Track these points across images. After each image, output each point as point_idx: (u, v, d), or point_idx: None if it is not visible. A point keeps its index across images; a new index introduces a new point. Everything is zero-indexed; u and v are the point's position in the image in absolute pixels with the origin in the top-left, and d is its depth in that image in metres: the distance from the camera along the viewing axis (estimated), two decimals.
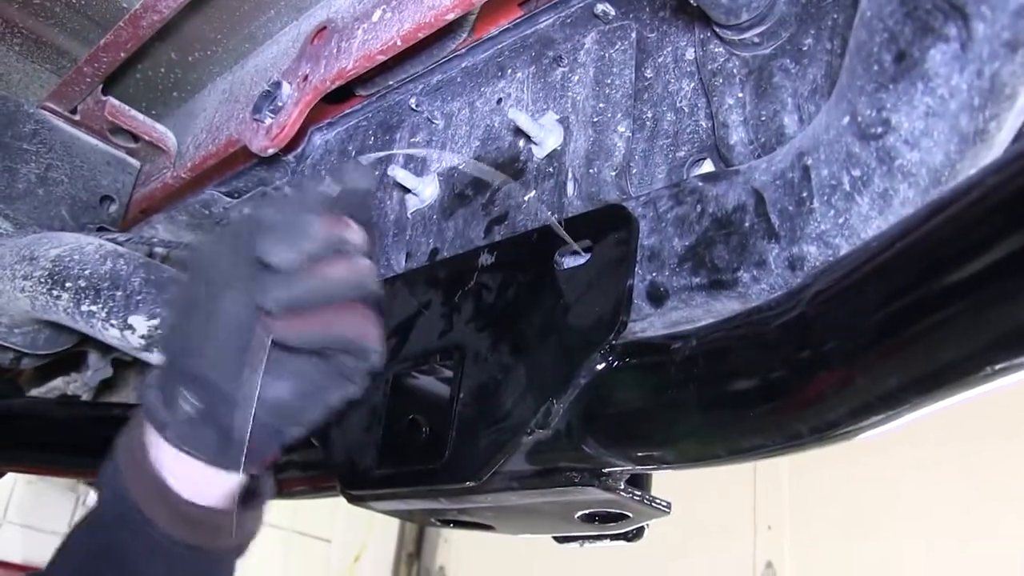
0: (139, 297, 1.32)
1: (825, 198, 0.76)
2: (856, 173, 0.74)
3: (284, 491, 1.33)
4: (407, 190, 1.23)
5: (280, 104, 1.31)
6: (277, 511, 4.37)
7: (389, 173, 1.25)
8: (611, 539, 1.08)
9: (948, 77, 0.65)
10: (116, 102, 1.62)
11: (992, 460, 3.01)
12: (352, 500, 1.07)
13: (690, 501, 3.42)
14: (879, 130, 0.71)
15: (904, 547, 3.11)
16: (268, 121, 1.32)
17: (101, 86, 1.57)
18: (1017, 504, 2.93)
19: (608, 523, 1.00)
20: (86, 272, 1.34)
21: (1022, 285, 0.55)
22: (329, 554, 4.61)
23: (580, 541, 1.11)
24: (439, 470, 0.93)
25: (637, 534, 1.08)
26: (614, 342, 0.85)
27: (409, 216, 1.24)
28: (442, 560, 4.84)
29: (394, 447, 1.00)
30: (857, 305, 0.66)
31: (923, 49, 0.65)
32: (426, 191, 1.21)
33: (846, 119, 0.73)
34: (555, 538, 1.14)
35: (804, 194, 0.78)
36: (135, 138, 1.68)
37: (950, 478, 3.08)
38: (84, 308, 1.32)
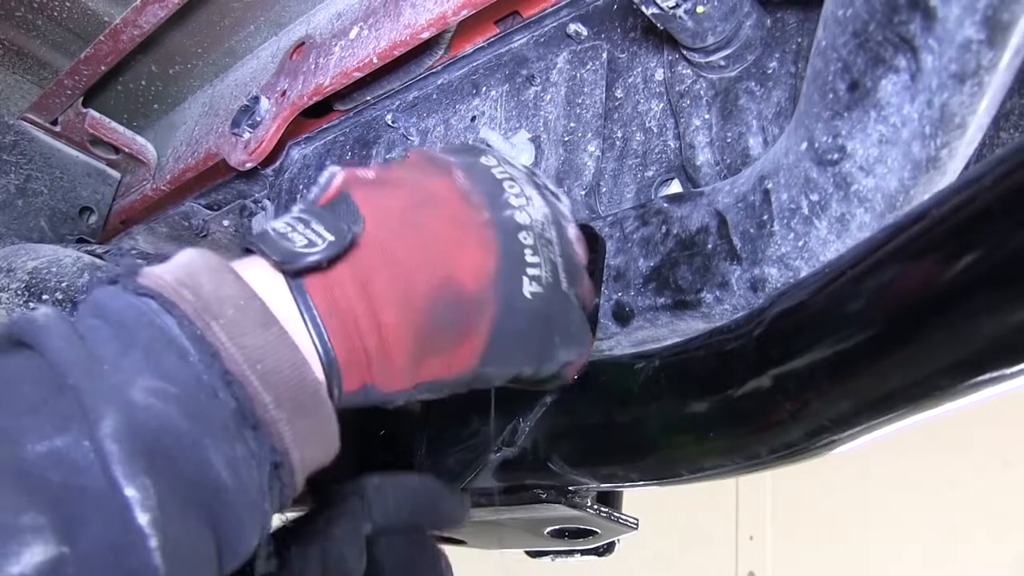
0: None
1: (785, 221, 0.78)
2: (814, 197, 0.75)
3: None
4: None
5: (258, 119, 1.32)
6: None
7: None
8: (582, 554, 1.09)
9: (899, 106, 0.67)
10: (97, 114, 1.63)
11: (976, 471, 3.03)
12: None
13: (672, 511, 3.44)
14: (835, 156, 0.72)
15: (887, 557, 3.13)
16: (247, 135, 1.33)
17: (82, 98, 1.58)
18: (1001, 515, 2.95)
19: (577, 538, 1.01)
20: (63, 284, 1.34)
21: (967, 311, 0.56)
22: None
23: (552, 555, 1.13)
24: None
25: (608, 549, 1.09)
26: None
27: None
28: None
29: (365, 463, 1.01)
30: (811, 329, 0.67)
31: (875, 79, 0.67)
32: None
33: (804, 145, 0.74)
34: (528, 552, 1.15)
35: (765, 217, 0.79)
36: (115, 150, 1.68)
37: (934, 489, 3.09)
38: None
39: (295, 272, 0.64)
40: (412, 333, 0.67)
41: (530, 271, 0.72)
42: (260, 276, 0.64)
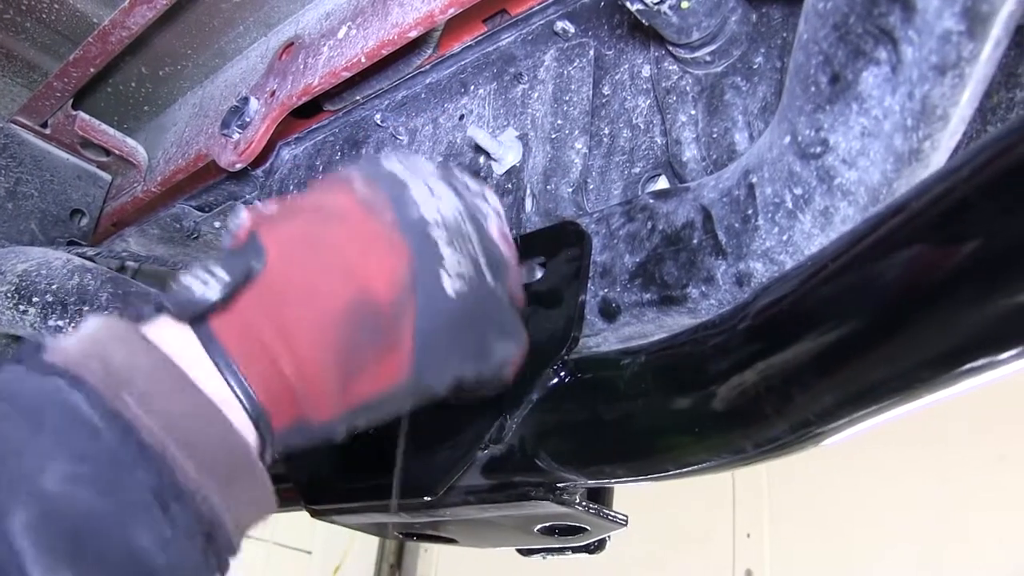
0: (106, 312, 1.32)
1: (769, 215, 0.78)
2: (798, 191, 0.75)
3: None
4: None
5: (248, 119, 1.32)
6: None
7: None
8: (572, 551, 1.09)
9: (881, 99, 0.67)
10: (86, 116, 1.63)
11: (972, 465, 3.03)
12: (315, 514, 1.07)
13: (669, 509, 3.44)
14: (818, 149, 0.72)
15: (884, 553, 3.13)
16: (236, 136, 1.33)
17: (71, 100, 1.57)
18: (998, 509, 2.95)
19: (567, 536, 1.00)
20: (53, 287, 1.34)
21: (948, 302, 0.56)
22: (310, 565, 4.60)
23: (543, 553, 1.12)
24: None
25: (599, 546, 1.09)
26: (566, 357, 0.86)
27: None
28: (423, 571, 4.83)
29: (353, 461, 1.01)
30: (795, 323, 0.67)
31: (856, 72, 0.67)
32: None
33: (787, 138, 0.74)
34: (519, 550, 1.15)
35: (750, 211, 0.79)
36: (106, 152, 1.68)
37: (930, 484, 3.09)
38: (51, 323, 1.32)
39: (197, 318, 0.63)
40: (333, 355, 0.65)
41: (448, 267, 0.69)
42: (171, 335, 0.62)
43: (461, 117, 1.21)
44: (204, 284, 0.62)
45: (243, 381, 0.62)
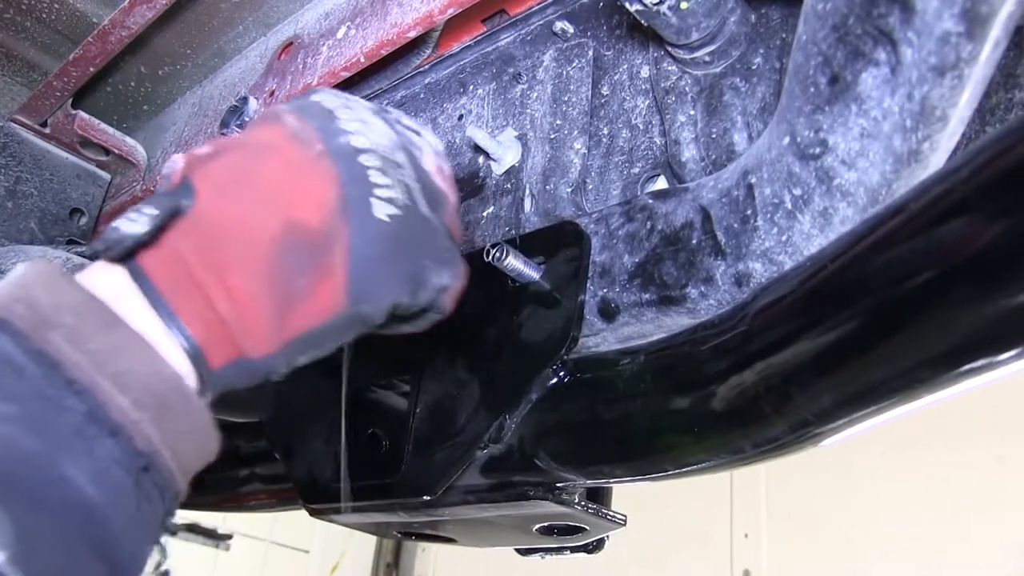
0: None
1: (768, 216, 0.78)
2: (797, 192, 0.75)
3: (250, 504, 1.34)
4: None
5: (247, 119, 1.31)
6: (255, 522, 4.36)
7: None
8: (571, 551, 1.09)
9: (880, 100, 0.67)
10: (86, 116, 1.63)
11: (971, 466, 3.03)
12: (313, 513, 1.07)
13: (668, 510, 3.44)
14: (817, 150, 0.72)
15: (882, 554, 3.13)
16: (235, 136, 1.33)
17: (71, 100, 1.57)
18: (997, 509, 2.95)
19: (566, 535, 1.01)
20: None
21: (946, 303, 0.57)
22: (307, 564, 4.60)
23: (541, 553, 1.12)
24: (395, 484, 0.94)
25: (597, 546, 1.09)
26: (566, 357, 0.86)
27: None
28: (420, 570, 4.83)
29: (353, 461, 1.01)
30: (794, 323, 0.67)
31: (855, 73, 0.67)
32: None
33: (786, 139, 0.75)
34: (517, 550, 1.15)
35: (749, 212, 0.79)
36: (105, 151, 1.68)
37: (929, 485, 3.10)
38: None
39: (125, 256, 0.62)
40: (266, 287, 0.64)
41: (380, 192, 0.68)
42: (102, 276, 0.62)
43: (460, 117, 1.21)
44: (132, 222, 0.62)
45: (174, 315, 0.62)
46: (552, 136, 1.05)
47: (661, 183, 0.97)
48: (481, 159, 1.13)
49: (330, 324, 0.68)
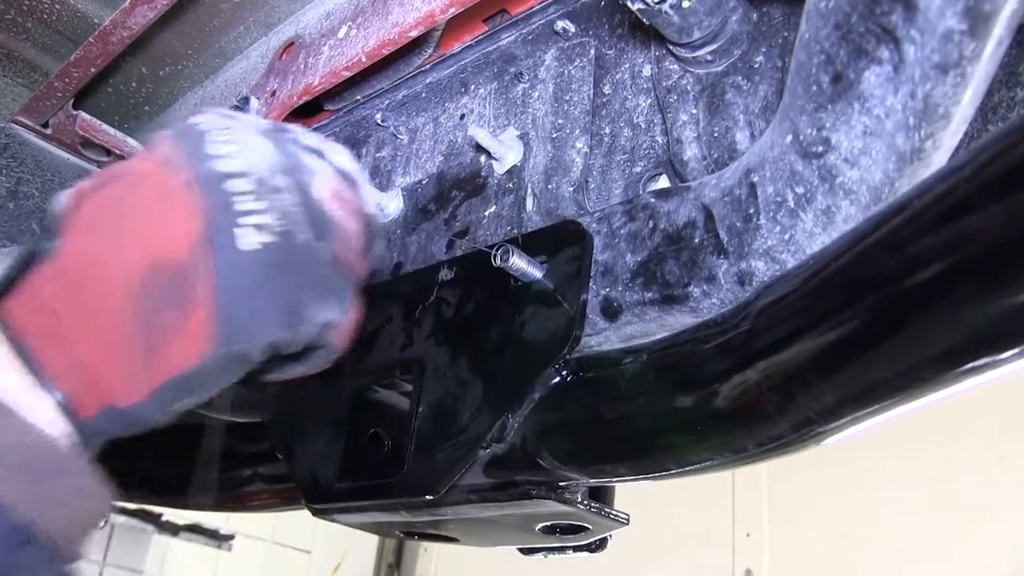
0: None
1: (771, 214, 0.78)
2: (800, 190, 0.75)
3: (252, 504, 1.34)
4: None
5: None
6: (257, 522, 4.36)
7: None
8: (574, 550, 1.09)
9: (883, 98, 0.67)
10: (87, 116, 1.62)
11: (972, 466, 3.03)
12: (316, 513, 1.07)
13: (669, 508, 3.44)
14: (820, 149, 0.72)
15: (884, 553, 3.13)
16: None
17: (72, 101, 1.57)
18: (998, 509, 2.95)
19: (569, 535, 1.00)
20: None
21: (950, 301, 0.56)
22: (309, 565, 4.60)
23: (544, 553, 1.12)
24: (398, 483, 0.94)
25: (600, 545, 1.09)
26: (568, 356, 0.86)
27: None
28: (422, 571, 4.83)
29: (355, 460, 1.01)
30: (797, 322, 0.67)
31: (858, 71, 0.67)
32: (390, 205, 1.22)
33: (789, 137, 0.75)
34: (520, 550, 1.15)
35: (751, 210, 0.79)
36: (107, 152, 1.68)
37: (930, 484, 3.10)
38: None
39: None
40: (130, 329, 0.61)
41: (249, 219, 0.64)
42: None
43: (462, 116, 1.21)
44: None
45: (41, 366, 0.59)
46: (554, 135, 1.05)
47: (663, 182, 0.97)
48: (483, 158, 1.13)
49: (203, 366, 0.64)
